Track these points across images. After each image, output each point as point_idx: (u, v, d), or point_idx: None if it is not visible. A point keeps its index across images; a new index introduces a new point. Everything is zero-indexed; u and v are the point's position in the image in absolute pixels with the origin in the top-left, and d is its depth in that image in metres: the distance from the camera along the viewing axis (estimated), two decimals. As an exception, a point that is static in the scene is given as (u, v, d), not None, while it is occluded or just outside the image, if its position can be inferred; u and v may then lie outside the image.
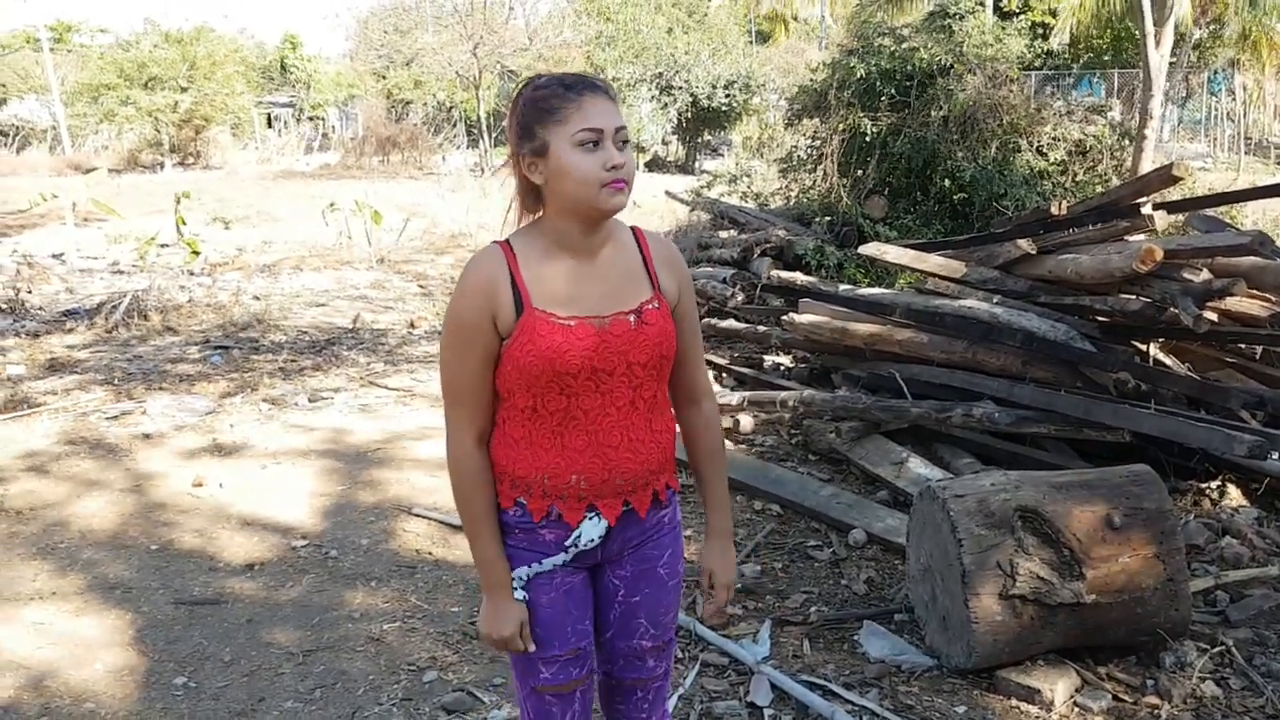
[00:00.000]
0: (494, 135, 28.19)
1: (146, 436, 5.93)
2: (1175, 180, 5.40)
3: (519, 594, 1.99)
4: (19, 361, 7.57)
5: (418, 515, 4.88)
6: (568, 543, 1.96)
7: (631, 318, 1.91)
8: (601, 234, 1.93)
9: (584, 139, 1.82)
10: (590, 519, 1.96)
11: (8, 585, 4.10)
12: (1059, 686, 3.29)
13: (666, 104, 27.47)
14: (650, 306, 1.94)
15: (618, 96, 1.91)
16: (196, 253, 11.80)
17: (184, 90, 28.84)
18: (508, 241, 1.94)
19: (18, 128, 32.99)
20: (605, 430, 1.92)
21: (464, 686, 3.41)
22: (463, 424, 1.95)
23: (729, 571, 2.15)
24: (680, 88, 26.78)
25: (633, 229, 2.04)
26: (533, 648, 1.99)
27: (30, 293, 9.99)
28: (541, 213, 1.94)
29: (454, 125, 32.70)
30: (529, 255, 1.91)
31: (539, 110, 1.86)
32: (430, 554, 4.51)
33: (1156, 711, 3.23)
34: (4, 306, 9.38)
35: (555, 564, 1.98)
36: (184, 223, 12.73)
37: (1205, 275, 4.97)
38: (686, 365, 2.08)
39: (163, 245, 12.58)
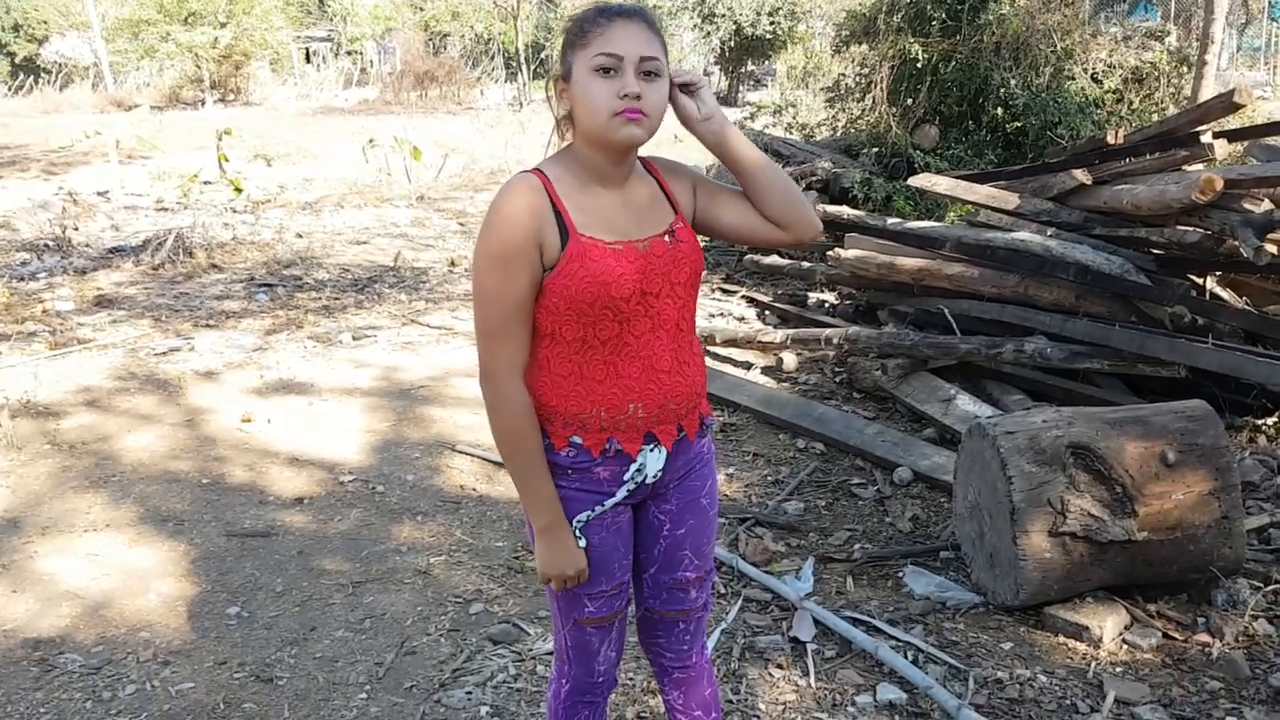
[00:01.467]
0: (532, 68, 27.92)
1: (195, 372, 5.99)
2: (1237, 108, 5.23)
3: (580, 541, 1.96)
4: (68, 298, 7.66)
5: (461, 452, 4.91)
6: (626, 477, 1.94)
7: (667, 238, 1.92)
8: (625, 166, 1.91)
9: (600, 64, 1.78)
10: (651, 450, 1.94)
11: (63, 517, 4.19)
12: (1108, 624, 3.26)
13: (709, 33, 27.00)
14: (679, 225, 1.95)
15: (659, 24, 1.86)
16: (240, 190, 11.84)
17: (223, 25, 28.76)
18: (539, 170, 1.90)
19: (60, 65, 33.16)
20: (657, 355, 1.91)
21: (509, 619, 3.44)
22: (504, 359, 1.87)
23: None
24: (723, 15, 26.26)
25: (642, 160, 2.00)
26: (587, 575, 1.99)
27: (77, 230, 10.09)
28: (571, 140, 1.92)
29: (492, 58, 32.43)
30: (565, 184, 1.88)
31: (570, 35, 1.84)
32: (474, 490, 4.54)
33: (1207, 649, 3.19)
34: (51, 243, 9.48)
35: (615, 503, 1.96)
36: (226, 160, 12.76)
37: (1266, 206, 4.81)
38: (743, 202, 2.01)
39: (206, 182, 12.64)
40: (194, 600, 3.58)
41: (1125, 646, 3.24)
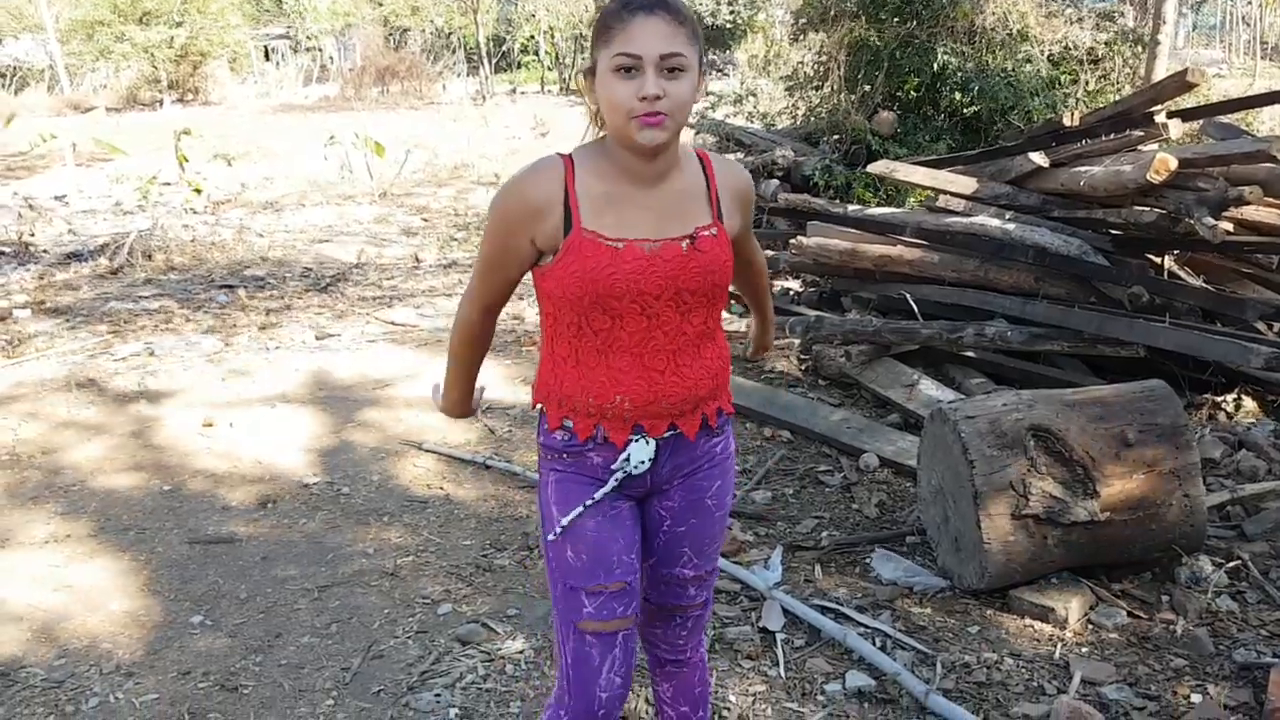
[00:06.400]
0: (494, 62, 27.76)
1: (154, 377, 5.91)
2: (1190, 87, 5.26)
3: (567, 521, 1.96)
4: (24, 305, 7.54)
5: (428, 450, 4.87)
6: (615, 466, 1.93)
7: (684, 244, 1.87)
8: (661, 162, 1.85)
9: (619, 64, 1.74)
10: (637, 441, 1.93)
11: (20, 530, 4.12)
12: (1073, 605, 3.28)
13: (669, 23, 26.90)
14: (706, 233, 1.89)
15: (686, 13, 1.78)
16: (199, 190, 11.68)
17: (179, 25, 28.38)
18: (570, 155, 1.89)
19: (15, 68, 32.60)
20: (650, 354, 1.89)
21: (478, 618, 3.42)
22: (476, 293, 2.01)
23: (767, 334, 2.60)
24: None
25: (699, 154, 1.97)
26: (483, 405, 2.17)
27: (33, 235, 9.93)
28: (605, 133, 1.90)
29: (453, 52, 32.23)
30: (586, 173, 1.86)
31: (597, 30, 1.81)
32: (441, 489, 4.51)
33: (1171, 627, 3.22)
34: (7, 250, 9.32)
35: (607, 491, 1.95)
36: (186, 160, 12.57)
37: (1221, 184, 4.86)
38: (753, 273, 2.34)
39: (165, 184, 12.46)
40: (156, 610, 3.53)
41: (1090, 627, 3.26)
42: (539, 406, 2.01)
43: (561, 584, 1.99)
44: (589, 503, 1.95)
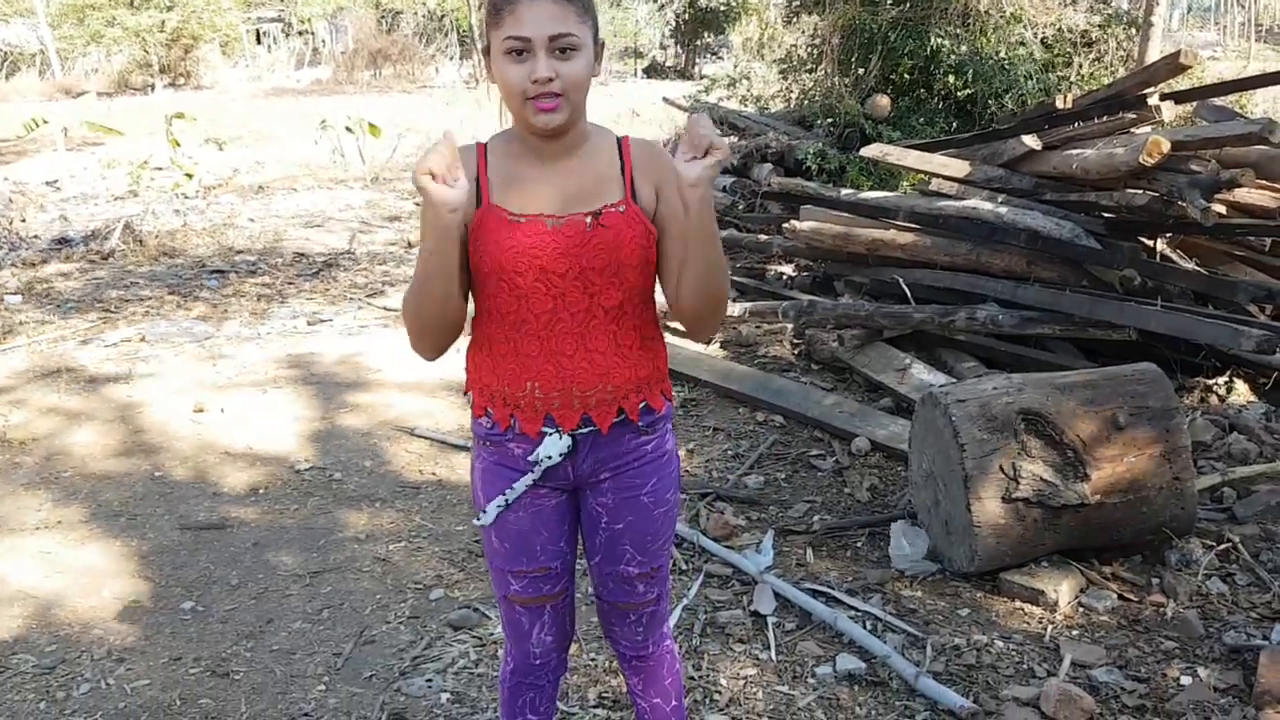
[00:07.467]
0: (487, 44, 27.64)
1: (145, 362, 5.90)
2: (1183, 69, 5.24)
3: (489, 517, 1.99)
4: (15, 291, 7.51)
5: (419, 436, 4.87)
6: (531, 458, 1.92)
7: (588, 219, 1.83)
8: (566, 141, 1.84)
9: (509, 47, 1.73)
10: (550, 434, 1.91)
11: (13, 516, 4.11)
12: (1063, 587, 3.29)
13: (663, 5, 26.89)
14: (612, 209, 1.84)
15: None
16: (190, 175, 11.63)
17: (170, 8, 28.23)
18: (482, 142, 1.92)
19: (5, 53, 32.42)
20: (558, 336, 1.86)
21: (470, 603, 3.42)
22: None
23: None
24: (677, -12, 26.15)
25: (621, 139, 1.94)
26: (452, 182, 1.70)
27: (24, 221, 9.88)
28: None
29: (446, 35, 32.09)
30: (497, 154, 1.89)
31: (488, 11, 1.79)
32: (433, 474, 4.51)
33: (1162, 609, 3.23)
34: (-2, 236, 9.29)
35: (526, 484, 1.95)
36: (177, 145, 12.50)
37: (1213, 167, 4.85)
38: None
39: (156, 169, 12.41)
40: (148, 596, 3.53)
41: (1081, 609, 3.27)
42: (469, 394, 2.01)
43: (490, 561, 2.09)
44: (509, 496, 1.96)
